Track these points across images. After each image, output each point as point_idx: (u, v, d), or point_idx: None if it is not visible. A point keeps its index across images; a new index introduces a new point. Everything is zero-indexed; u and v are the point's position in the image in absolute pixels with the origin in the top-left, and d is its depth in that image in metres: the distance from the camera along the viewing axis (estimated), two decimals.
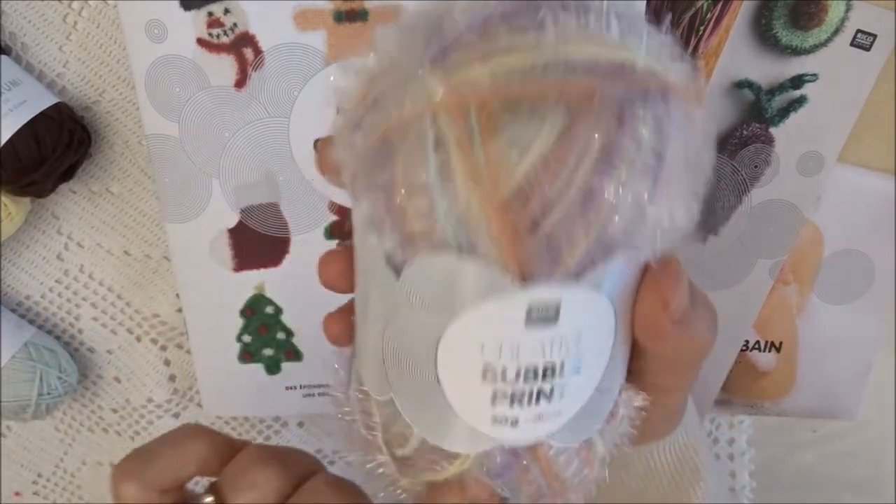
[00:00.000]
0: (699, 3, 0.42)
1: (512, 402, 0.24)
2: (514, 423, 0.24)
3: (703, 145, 0.23)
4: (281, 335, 0.50)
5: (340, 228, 0.47)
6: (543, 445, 0.25)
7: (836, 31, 0.42)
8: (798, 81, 0.43)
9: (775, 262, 0.44)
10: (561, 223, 0.20)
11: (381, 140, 0.21)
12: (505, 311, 0.22)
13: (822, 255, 0.47)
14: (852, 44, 0.42)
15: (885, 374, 0.47)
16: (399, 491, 0.27)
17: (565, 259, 0.21)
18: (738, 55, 0.43)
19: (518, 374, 0.23)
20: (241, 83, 0.43)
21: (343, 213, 0.47)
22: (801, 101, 0.44)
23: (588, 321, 0.23)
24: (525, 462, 0.25)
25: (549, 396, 0.24)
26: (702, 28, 0.43)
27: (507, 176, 0.20)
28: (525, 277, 0.21)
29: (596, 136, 0.20)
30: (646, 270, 0.25)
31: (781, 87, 0.43)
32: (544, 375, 0.23)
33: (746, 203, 0.45)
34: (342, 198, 0.46)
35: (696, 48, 0.43)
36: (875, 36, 0.42)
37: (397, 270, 0.23)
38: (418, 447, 0.26)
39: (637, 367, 0.27)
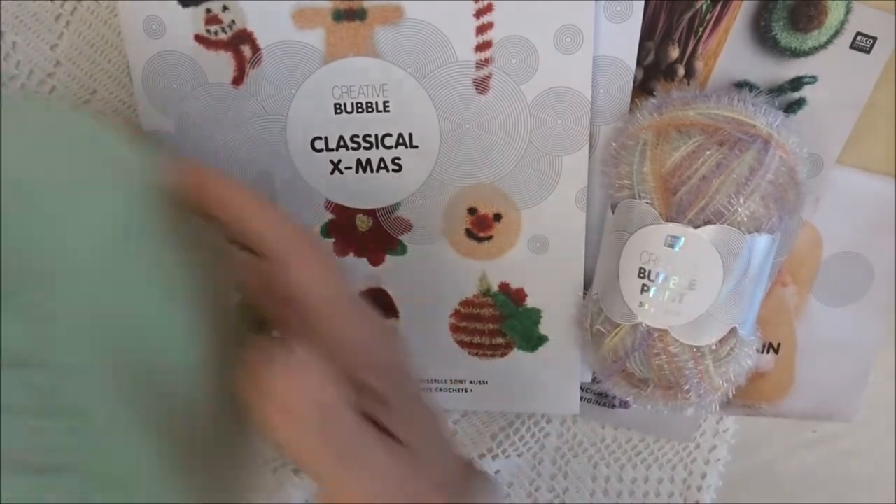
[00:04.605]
0: (698, 4, 0.42)
1: (651, 293, 0.41)
2: (650, 308, 0.41)
3: (787, 177, 0.39)
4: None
5: (337, 227, 0.47)
6: (667, 334, 0.41)
7: (836, 34, 0.42)
8: (797, 83, 0.43)
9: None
10: (687, 193, 0.39)
11: (620, 146, 0.42)
12: (654, 235, 0.40)
13: (820, 256, 0.47)
14: (852, 46, 0.42)
15: (884, 375, 0.47)
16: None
17: (687, 214, 0.39)
18: (737, 57, 0.43)
19: (657, 276, 0.40)
20: (238, 80, 0.43)
21: (339, 211, 0.46)
22: (800, 103, 0.43)
23: (699, 258, 0.39)
24: (653, 340, 0.42)
25: (672, 298, 0.41)
26: (701, 29, 0.43)
27: (666, 162, 0.40)
28: (666, 218, 0.40)
29: (712, 152, 0.39)
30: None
31: (780, 89, 0.43)
32: (671, 282, 0.40)
33: None
34: (339, 197, 0.46)
35: (694, 49, 0.43)
36: (875, 38, 0.42)
37: (613, 210, 0.42)
38: (602, 323, 0.44)
39: None
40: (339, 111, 0.44)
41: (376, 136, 0.44)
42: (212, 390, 0.32)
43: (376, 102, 0.43)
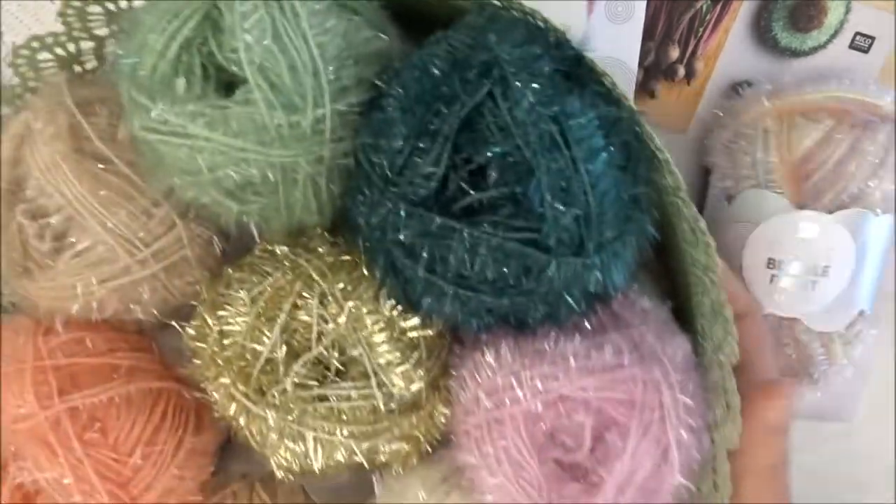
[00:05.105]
0: (699, 4, 0.42)
1: (782, 282, 0.40)
2: (780, 298, 0.40)
3: None
4: None
5: None
6: (798, 322, 0.41)
7: (835, 34, 0.42)
8: None
9: None
10: (822, 179, 0.39)
11: (735, 133, 0.41)
12: (785, 224, 0.39)
13: None
14: (851, 46, 0.42)
15: (884, 375, 0.46)
16: None
17: (822, 200, 0.39)
18: (737, 57, 0.43)
19: (789, 265, 0.39)
20: None
21: None
22: None
23: (834, 244, 0.39)
24: (783, 329, 0.41)
25: (804, 286, 0.40)
26: (701, 29, 0.43)
27: (795, 151, 0.39)
28: (799, 206, 0.39)
29: (844, 135, 0.39)
30: None
31: None
32: (803, 270, 0.39)
33: None
34: None
35: (694, 49, 0.43)
36: (873, 38, 0.42)
37: (729, 200, 0.41)
38: None
39: None
40: None
41: None
42: None
43: None
